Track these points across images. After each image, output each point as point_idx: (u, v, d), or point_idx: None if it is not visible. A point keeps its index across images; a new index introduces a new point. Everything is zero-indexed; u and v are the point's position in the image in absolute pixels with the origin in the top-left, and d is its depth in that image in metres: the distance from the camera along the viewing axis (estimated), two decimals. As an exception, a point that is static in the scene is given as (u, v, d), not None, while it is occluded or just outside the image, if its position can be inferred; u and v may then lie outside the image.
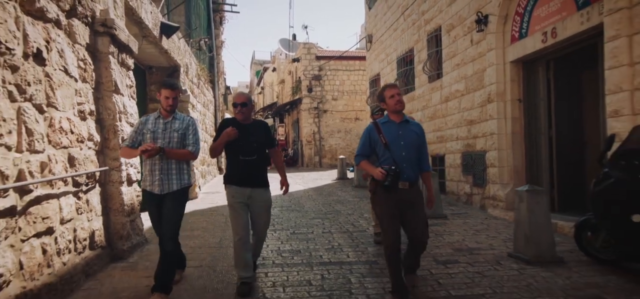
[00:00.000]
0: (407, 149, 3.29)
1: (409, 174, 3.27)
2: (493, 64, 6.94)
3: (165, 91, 3.45)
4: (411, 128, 3.40)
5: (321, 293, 3.59)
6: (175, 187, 3.41)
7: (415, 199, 3.32)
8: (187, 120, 3.57)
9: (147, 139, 3.40)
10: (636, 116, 4.33)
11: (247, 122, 3.70)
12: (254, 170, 3.66)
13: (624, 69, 4.43)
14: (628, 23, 4.38)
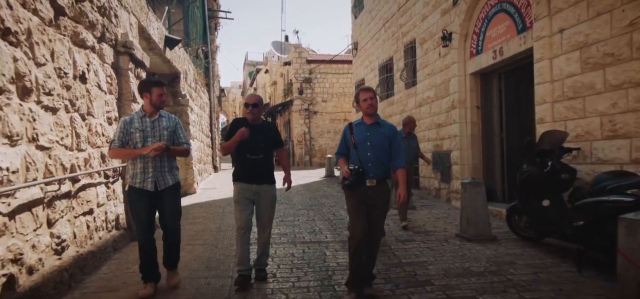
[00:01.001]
0: (374, 149, 3.44)
1: (375, 172, 3.41)
2: (456, 75, 8.00)
3: (158, 89, 3.54)
4: (380, 130, 3.51)
5: (301, 261, 4.60)
6: (170, 183, 3.55)
7: (380, 198, 3.46)
8: (174, 118, 3.69)
9: (136, 138, 3.45)
10: (555, 123, 5.40)
11: (256, 123, 3.86)
12: (260, 168, 3.81)
13: (547, 85, 5.51)
14: (549, 48, 5.45)
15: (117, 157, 3.84)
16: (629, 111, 4.38)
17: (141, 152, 3.40)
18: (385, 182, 3.53)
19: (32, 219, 3.15)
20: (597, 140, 4.80)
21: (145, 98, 3.54)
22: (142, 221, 3.52)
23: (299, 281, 3.97)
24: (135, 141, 3.46)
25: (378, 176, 3.43)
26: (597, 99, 4.78)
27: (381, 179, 3.46)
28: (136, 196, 3.48)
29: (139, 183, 3.45)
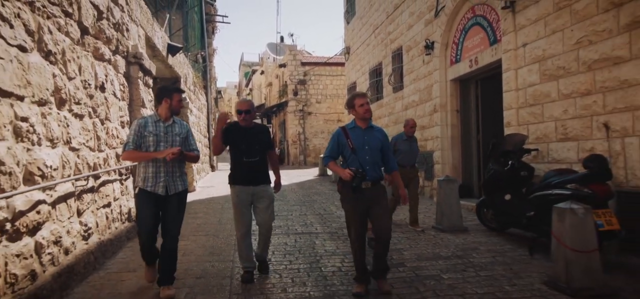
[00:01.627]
0: (371, 153, 3.58)
1: (371, 174, 3.54)
2: (438, 81, 8.68)
3: (178, 95, 3.65)
4: (375, 134, 3.67)
5: (293, 249, 5.24)
6: (180, 189, 3.59)
7: (379, 196, 3.59)
8: (185, 125, 3.78)
9: (149, 142, 3.49)
10: (520, 126, 6.08)
11: (249, 126, 3.94)
12: (256, 170, 3.90)
13: (513, 92, 6.19)
14: (514, 60, 6.13)
15: (131, 159, 3.84)
16: (576, 117, 5.07)
17: (157, 155, 3.43)
18: (380, 183, 3.67)
19: (67, 209, 3.77)
20: (552, 142, 5.48)
21: (165, 103, 3.57)
22: (147, 225, 3.52)
23: (290, 264, 4.61)
24: (148, 145, 3.49)
25: (374, 178, 3.57)
26: (552, 106, 5.46)
27: (376, 180, 3.60)
28: (145, 199, 3.49)
29: (151, 187, 3.46)
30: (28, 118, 3.14)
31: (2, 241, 2.76)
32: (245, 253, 3.94)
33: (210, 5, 18.61)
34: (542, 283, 3.79)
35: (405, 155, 6.13)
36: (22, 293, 2.92)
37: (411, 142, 6.32)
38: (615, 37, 4.48)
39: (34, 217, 3.16)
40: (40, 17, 3.40)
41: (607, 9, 4.57)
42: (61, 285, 3.48)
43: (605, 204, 4.19)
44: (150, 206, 3.49)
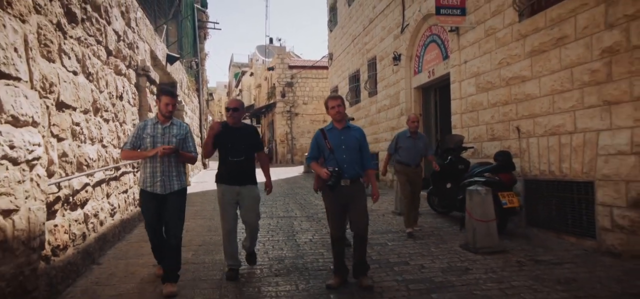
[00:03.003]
0: (348, 152, 3.74)
1: (350, 173, 3.71)
2: (404, 88, 9.99)
3: (166, 98, 3.66)
4: (352, 133, 3.82)
5: (275, 227, 6.48)
6: (176, 187, 3.67)
7: (357, 193, 3.75)
8: (185, 127, 3.84)
9: (147, 143, 3.60)
10: (463, 129, 7.40)
11: (237, 126, 4.00)
12: (242, 170, 3.95)
13: (457, 100, 7.52)
14: (459, 74, 7.46)
15: (127, 158, 3.98)
16: (499, 121, 6.40)
17: (148, 154, 3.54)
18: (359, 181, 3.81)
19: (101, 191, 4.96)
20: (484, 141, 6.81)
21: (157, 104, 3.74)
22: (151, 224, 3.67)
23: (272, 237, 5.85)
24: (145, 146, 3.61)
25: (352, 176, 3.72)
26: (483, 113, 6.79)
27: (355, 178, 3.75)
28: (146, 199, 3.64)
29: (150, 186, 3.58)
30: (79, 123, 4.33)
31: (67, 210, 3.96)
32: (230, 250, 3.97)
33: (202, 12, 19.70)
34: (459, 246, 5.09)
35: (408, 153, 5.79)
36: (78, 247, 4.12)
37: (415, 140, 5.83)
38: (523, 61, 5.81)
39: (83, 195, 4.36)
40: (83, 48, 4.58)
41: (517, 38, 5.91)
42: (100, 247, 4.69)
43: (510, 187, 5.53)
44: (151, 205, 3.61)
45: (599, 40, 4.61)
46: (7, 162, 2.58)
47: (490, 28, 6.54)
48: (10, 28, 2.70)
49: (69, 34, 4.16)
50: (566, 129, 5.11)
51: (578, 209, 5.03)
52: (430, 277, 4.03)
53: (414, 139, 5.86)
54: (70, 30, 4.16)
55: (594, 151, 4.73)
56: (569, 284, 3.73)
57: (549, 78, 5.34)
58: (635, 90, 4.22)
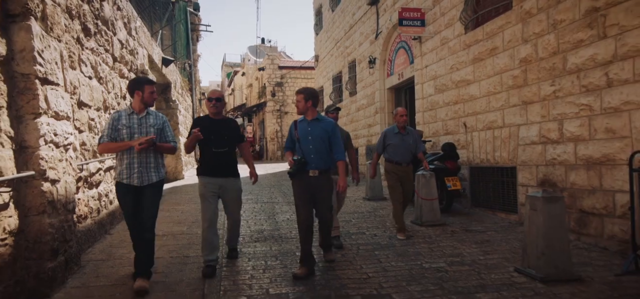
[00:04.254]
0: (315, 142, 3.78)
1: (317, 163, 3.77)
2: (378, 89, 11.03)
3: (150, 87, 3.63)
4: (320, 125, 3.85)
5: (259, 210, 7.48)
6: (154, 180, 3.53)
7: (323, 184, 3.83)
8: (161, 117, 3.69)
9: (123, 134, 3.46)
10: (425, 125, 8.45)
11: (218, 118, 3.99)
12: (224, 162, 3.93)
13: (420, 100, 8.57)
14: (421, 77, 8.51)
15: (107, 151, 3.81)
16: (451, 118, 7.46)
17: (129, 144, 3.40)
18: (327, 173, 3.87)
19: (110, 176, 5.92)
20: (440, 135, 7.87)
21: (136, 96, 3.57)
22: (129, 216, 3.54)
23: (255, 217, 6.85)
24: (122, 137, 3.47)
25: (320, 167, 3.78)
26: (440, 111, 7.85)
27: (323, 170, 3.81)
28: (123, 191, 3.49)
29: (126, 178, 3.45)
30: (94, 119, 5.29)
31: (86, 188, 4.92)
32: (209, 245, 3.84)
33: (195, 15, 20.60)
34: (410, 222, 6.13)
35: (396, 150, 5.30)
36: (94, 219, 5.09)
37: (404, 136, 5.32)
38: (467, 67, 6.87)
39: (97, 177, 5.32)
40: (95, 56, 5.54)
41: (463, 48, 6.96)
42: (110, 221, 5.67)
43: (455, 173, 6.58)
44: (128, 198, 3.48)
45: (518, 51, 5.67)
46: (53, 146, 3.54)
47: (444, 38, 7.59)
48: (52, 47, 3.67)
49: (85, 46, 5.12)
50: (497, 124, 6.17)
51: (506, 190, 6.09)
52: (378, 242, 5.06)
53: (403, 135, 5.34)
54: (86, 42, 5.12)
55: (516, 141, 5.80)
56: (483, 244, 4.79)
57: (486, 82, 6.40)
58: (541, 92, 5.28)
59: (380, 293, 3.38)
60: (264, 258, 4.43)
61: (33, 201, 3.27)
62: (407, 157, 5.39)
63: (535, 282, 3.49)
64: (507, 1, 5.96)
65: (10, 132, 3.13)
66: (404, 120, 5.36)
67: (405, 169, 5.37)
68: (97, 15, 5.57)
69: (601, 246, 4.47)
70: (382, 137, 5.48)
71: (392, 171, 5.38)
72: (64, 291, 3.43)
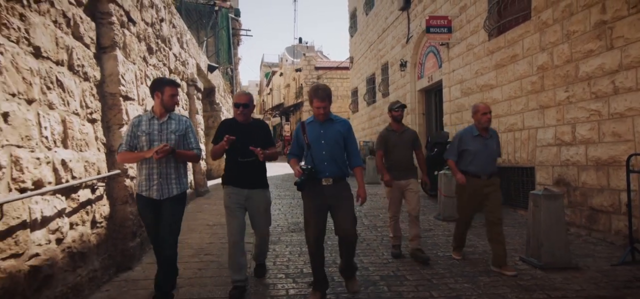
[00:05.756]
0: (329, 146, 3.25)
1: (331, 170, 3.22)
2: (409, 91, 11.49)
3: (170, 89, 3.23)
4: (334, 126, 3.31)
5: (296, 205, 8.21)
6: (175, 192, 3.21)
7: (341, 194, 3.26)
8: (185, 121, 3.37)
9: (142, 141, 3.16)
10: (452, 126, 8.87)
11: (246, 123, 3.57)
12: (251, 172, 3.50)
13: (447, 103, 9.00)
14: (448, 80, 8.93)
15: (124, 161, 3.51)
16: (476, 120, 7.86)
17: (145, 155, 3.10)
18: (344, 180, 3.32)
19: (168, 173, 6.85)
20: (466, 137, 8.28)
21: (156, 98, 3.24)
22: (151, 231, 3.27)
23: (292, 210, 7.58)
24: (141, 145, 3.17)
25: (334, 174, 3.23)
26: (466, 114, 8.26)
27: (338, 177, 3.26)
28: (142, 205, 3.22)
29: (145, 191, 3.15)
30: (156, 125, 6.20)
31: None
32: (237, 263, 3.45)
33: (236, 20, 21.76)
34: (433, 217, 6.65)
35: (477, 158, 4.08)
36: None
37: (487, 140, 4.12)
38: (491, 72, 7.27)
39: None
40: (156, 71, 6.45)
41: (487, 54, 7.36)
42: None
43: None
44: (149, 212, 3.20)
45: (536, 59, 6.05)
46: (131, 149, 4.42)
47: (469, 44, 8.00)
48: (130, 70, 4.55)
49: (149, 63, 6.03)
50: (518, 126, 6.56)
51: (526, 188, 6.47)
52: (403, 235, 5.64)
53: (485, 138, 4.11)
54: (149, 60, 6.03)
55: (534, 143, 6.18)
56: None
57: (507, 87, 6.79)
58: (557, 97, 5.65)
59: (396, 275, 3.99)
60: (299, 245, 5.14)
61: (119, 193, 4.14)
62: (490, 167, 4.10)
63: (536, 269, 3.98)
64: (526, 11, 6.34)
65: (103, 140, 4.01)
66: (487, 119, 4.08)
67: (487, 184, 4.07)
68: (158, 35, 6.49)
69: (609, 241, 4.84)
70: (457, 141, 4.24)
71: (469, 186, 4.11)
72: (141, 265, 4.29)
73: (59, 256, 3.03)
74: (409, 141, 4.55)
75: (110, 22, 4.13)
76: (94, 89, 3.90)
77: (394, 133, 4.55)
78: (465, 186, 4.16)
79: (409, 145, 4.55)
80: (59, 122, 3.19)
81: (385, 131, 4.64)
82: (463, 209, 4.34)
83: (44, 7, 3.04)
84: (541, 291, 3.45)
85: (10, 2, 2.64)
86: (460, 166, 4.22)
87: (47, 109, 3.03)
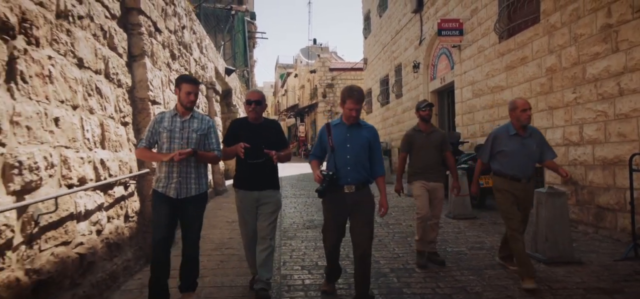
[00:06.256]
0: (354, 152, 3.13)
1: (354, 177, 3.10)
2: (422, 92, 11.67)
3: (187, 86, 3.12)
4: (362, 132, 3.21)
5: (311, 204, 8.50)
6: (193, 193, 3.16)
7: (362, 203, 3.14)
8: (207, 120, 3.31)
9: (163, 139, 3.11)
10: (463, 126, 9.03)
11: (257, 122, 3.45)
12: (262, 173, 3.40)
13: (459, 103, 9.16)
14: (460, 82, 9.10)
15: (142, 158, 3.45)
16: (488, 121, 8.02)
17: (164, 158, 3.04)
18: (367, 188, 3.19)
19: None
20: (477, 137, 8.44)
21: (177, 94, 3.18)
22: (160, 227, 3.14)
23: (307, 209, 7.86)
24: (162, 142, 3.12)
25: (357, 181, 3.11)
26: (477, 114, 8.42)
27: (361, 184, 3.14)
28: (158, 201, 3.15)
29: (162, 188, 3.11)
30: (179, 126, 6.56)
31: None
32: (253, 261, 3.53)
33: (251, 23, 22.20)
34: (444, 215, 6.84)
35: (513, 159, 3.73)
36: (180, 207, 6.36)
37: (525, 139, 3.74)
38: (501, 74, 7.42)
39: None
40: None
41: (497, 56, 7.52)
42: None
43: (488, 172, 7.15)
44: (164, 209, 3.12)
45: (545, 61, 6.20)
46: (158, 150, 4.77)
47: (480, 46, 8.16)
48: (157, 76, 4.90)
49: (172, 68, 6.39)
50: (527, 127, 6.70)
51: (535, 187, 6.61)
52: (411, 231, 5.87)
53: (523, 138, 3.73)
54: (172, 65, 6.39)
55: (543, 143, 6.32)
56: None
57: (517, 88, 6.94)
58: (565, 99, 5.80)
59: (406, 267, 4.23)
60: (314, 240, 5.41)
61: (148, 190, 4.48)
62: (529, 170, 3.75)
63: (540, 263, 4.17)
64: (535, 15, 6.49)
65: (134, 141, 4.36)
66: (527, 116, 3.69)
67: (525, 188, 3.75)
68: (180, 42, 6.86)
69: (614, 238, 4.98)
70: (491, 141, 3.90)
71: (506, 190, 3.76)
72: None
73: (99, 245, 3.37)
74: (437, 142, 4.29)
75: (139, 32, 4.49)
76: (126, 95, 4.26)
77: (421, 134, 4.34)
78: (502, 189, 3.75)
79: (437, 147, 4.29)
80: (98, 125, 3.54)
81: (412, 131, 4.44)
82: (508, 215, 3.73)
83: (85, 22, 3.39)
84: (543, 283, 3.65)
85: (59, 20, 2.98)
86: (496, 167, 3.87)
87: (88, 114, 3.38)
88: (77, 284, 2.96)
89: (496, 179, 3.88)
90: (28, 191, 2.50)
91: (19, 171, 2.40)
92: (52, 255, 2.70)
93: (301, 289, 3.72)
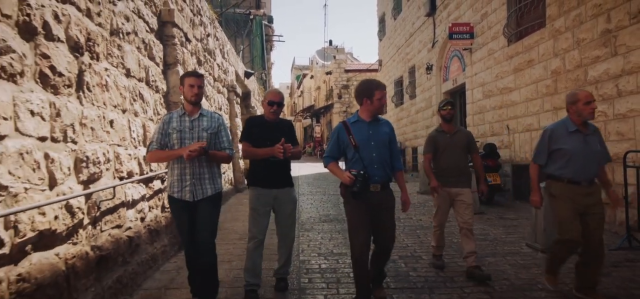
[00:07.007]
0: (378, 149, 3.04)
1: (380, 175, 3.02)
2: (435, 93, 11.98)
3: (190, 79, 3.03)
4: (381, 127, 3.13)
5: (326, 201, 8.93)
6: (209, 193, 3.05)
7: (387, 202, 3.08)
8: (217, 118, 3.21)
9: (173, 139, 3.01)
10: (474, 126, 9.33)
11: (275, 121, 3.47)
12: (279, 171, 3.41)
13: (470, 104, 9.46)
14: (471, 83, 9.40)
15: (155, 160, 3.31)
16: (496, 121, 8.32)
17: (178, 153, 2.93)
18: (389, 187, 3.13)
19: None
20: (487, 137, 8.74)
21: (181, 91, 3.11)
22: (184, 233, 3.13)
23: (323, 204, 8.30)
24: (172, 143, 3.03)
25: (382, 180, 3.05)
26: (487, 115, 8.72)
27: (385, 182, 3.08)
28: (176, 207, 3.08)
29: (177, 192, 3.01)
30: (204, 127, 7.10)
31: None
32: (253, 265, 3.36)
33: (269, 27, 22.79)
34: (453, 211, 7.18)
35: (575, 159, 3.19)
36: (206, 202, 6.90)
37: (587, 136, 3.19)
38: (510, 76, 7.72)
39: (207, 171, 7.14)
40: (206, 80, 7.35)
41: (506, 59, 7.82)
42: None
43: (496, 170, 7.49)
44: (182, 214, 3.06)
45: (550, 64, 6.50)
46: (189, 148, 5.28)
47: (490, 49, 8.47)
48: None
49: (199, 73, 6.91)
50: (534, 126, 7.00)
51: (542, 185, 6.91)
52: (421, 225, 6.25)
53: (586, 135, 3.21)
54: (198, 70, 6.92)
55: (548, 142, 6.62)
56: (510, 227, 5.78)
57: (525, 89, 7.25)
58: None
59: (413, 255, 4.63)
60: (330, 232, 5.85)
61: (180, 184, 5.00)
62: (591, 172, 3.22)
63: (538, 252, 4.51)
64: (541, 19, 6.79)
65: (169, 140, 4.88)
66: (590, 110, 3.17)
67: (588, 193, 3.20)
68: (205, 48, 7.40)
69: (613, 231, 5.27)
70: (546, 139, 3.34)
71: (567, 196, 3.23)
72: (198, 245, 5.13)
73: (142, 231, 3.88)
74: (462, 143, 4.10)
75: (173, 43, 5.01)
76: (162, 99, 4.78)
77: (444, 135, 4.15)
78: (561, 196, 3.21)
79: (463, 148, 4.10)
80: (141, 126, 4.06)
81: (435, 132, 4.25)
82: (565, 225, 3.19)
83: (131, 37, 3.91)
84: (537, 268, 4.01)
85: (113, 36, 3.50)
86: (551, 170, 3.29)
87: (134, 117, 3.90)
88: (128, 262, 3.47)
89: (553, 184, 3.31)
90: (91, 181, 3.01)
91: (86, 164, 2.92)
92: (109, 235, 3.21)
93: (318, 272, 4.17)
